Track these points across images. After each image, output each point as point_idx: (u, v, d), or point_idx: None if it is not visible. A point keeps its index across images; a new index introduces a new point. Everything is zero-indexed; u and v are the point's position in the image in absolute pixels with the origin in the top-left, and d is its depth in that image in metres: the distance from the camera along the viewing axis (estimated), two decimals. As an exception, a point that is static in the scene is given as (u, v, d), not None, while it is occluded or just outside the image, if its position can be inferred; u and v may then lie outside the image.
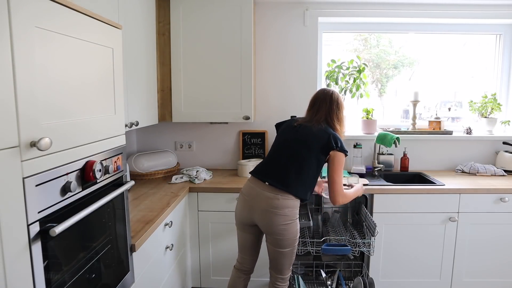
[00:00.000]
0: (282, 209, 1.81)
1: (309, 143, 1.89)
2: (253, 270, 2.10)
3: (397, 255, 2.47)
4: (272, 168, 1.91)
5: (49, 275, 1.01)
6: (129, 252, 1.53)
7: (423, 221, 2.41)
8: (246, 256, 2.05)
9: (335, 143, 1.87)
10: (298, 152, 1.89)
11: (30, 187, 0.92)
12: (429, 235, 2.43)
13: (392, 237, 2.44)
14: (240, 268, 2.08)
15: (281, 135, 2.04)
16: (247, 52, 2.59)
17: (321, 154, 1.88)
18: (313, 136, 1.90)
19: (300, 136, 1.93)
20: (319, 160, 1.89)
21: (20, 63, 0.88)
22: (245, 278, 2.09)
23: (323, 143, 1.87)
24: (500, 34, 3.00)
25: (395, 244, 2.45)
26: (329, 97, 2.01)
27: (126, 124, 1.99)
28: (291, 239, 1.86)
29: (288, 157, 1.90)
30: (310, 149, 1.88)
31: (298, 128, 1.97)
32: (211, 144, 3.04)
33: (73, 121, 1.11)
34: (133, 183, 1.52)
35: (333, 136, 1.89)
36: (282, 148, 1.95)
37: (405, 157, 2.91)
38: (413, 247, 2.46)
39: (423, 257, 2.47)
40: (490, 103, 2.92)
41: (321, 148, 1.87)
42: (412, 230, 2.43)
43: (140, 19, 2.26)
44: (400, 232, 2.44)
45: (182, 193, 2.30)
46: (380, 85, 3.24)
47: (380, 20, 2.92)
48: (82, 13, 1.13)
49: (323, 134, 1.89)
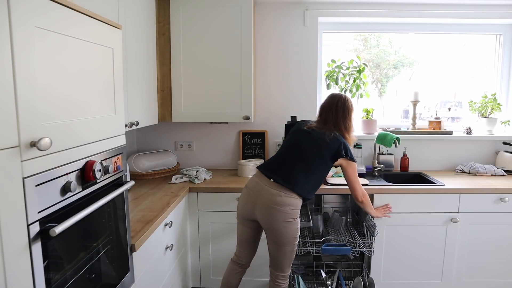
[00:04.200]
0: (284, 207, 1.85)
1: (320, 148, 1.97)
2: (249, 265, 2.13)
3: (398, 256, 2.46)
4: (279, 165, 1.97)
5: (49, 275, 1.01)
6: (129, 252, 1.53)
7: (423, 221, 2.40)
8: (243, 250, 2.10)
9: (345, 152, 1.98)
10: (309, 154, 1.96)
11: (30, 187, 0.92)
12: (429, 235, 2.42)
13: (393, 237, 2.43)
14: (236, 261, 2.12)
15: (292, 135, 2.10)
16: (247, 52, 2.59)
17: (330, 160, 1.99)
18: (326, 143, 1.97)
19: (313, 140, 2.00)
20: (327, 165, 1.99)
21: (20, 63, 0.88)
22: (240, 272, 2.12)
23: (334, 151, 1.97)
24: (500, 34, 3.00)
25: (396, 245, 2.45)
26: (335, 107, 2.06)
27: (126, 124, 1.99)
28: (290, 237, 1.90)
29: (297, 157, 1.96)
30: (321, 154, 1.96)
31: (311, 131, 2.04)
32: (211, 144, 3.04)
33: (73, 121, 1.10)
34: (133, 183, 1.52)
35: (343, 145, 1.99)
36: (293, 148, 2.01)
37: (405, 157, 2.91)
38: (414, 248, 2.45)
39: (424, 258, 2.46)
40: (490, 103, 2.92)
41: (332, 155, 1.97)
42: (412, 230, 2.42)
43: (140, 19, 2.26)
44: (401, 232, 2.43)
45: (182, 193, 2.30)
46: (380, 85, 3.24)
47: (380, 20, 2.92)
48: (82, 13, 1.13)
49: (336, 142, 1.98)
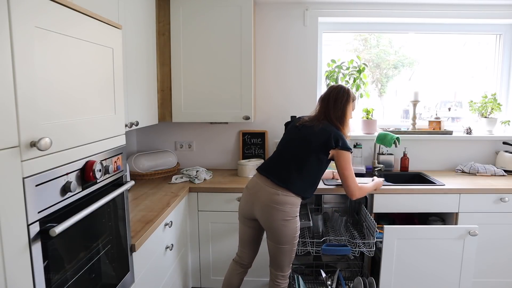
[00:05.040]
0: (283, 205, 1.85)
1: (308, 142, 1.93)
2: (250, 265, 2.13)
3: (410, 272, 2.14)
4: (274, 165, 1.97)
5: (49, 275, 1.01)
6: (129, 252, 1.53)
7: (438, 235, 2.12)
8: (244, 250, 2.09)
9: (335, 142, 1.90)
10: (299, 151, 1.94)
11: (30, 187, 0.92)
12: (444, 250, 2.13)
13: (404, 252, 2.12)
14: (238, 261, 2.12)
15: (286, 134, 2.10)
16: (247, 52, 2.59)
17: (321, 153, 1.91)
18: (314, 135, 1.93)
19: (301, 135, 1.97)
20: (320, 159, 1.92)
21: (20, 63, 0.88)
22: (241, 272, 2.12)
23: (322, 142, 1.90)
24: (500, 34, 2.99)
25: (406, 259, 2.13)
26: (327, 95, 2.03)
27: (126, 124, 1.99)
28: (289, 236, 1.89)
29: (289, 155, 1.96)
30: (309, 148, 1.92)
31: (300, 127, 2.01)
32: (211, 144, 3.04)
33: (73, 121, 1.10)
34: (133, 183, 1.52)
35: (334, 135, 1.91)
36: (286, 146, 2.01)
37: (405, 157, 2.91)
38: (428, 263, 2.14)
39: (438, 274, 2.15)
40: (490, 103, 2.92)
41: (321, 147, 1.91)
42: (426, 244, 2.12)
43: (140, 19, 2.26)
44: (413, 246, 2.13)
45: (182, 193, 2.29)
46: (380, 85, 3.24)
47: (380, 20, 2.92)
48: (82, 13, 1.13)
49: (324, 133, 1.92)
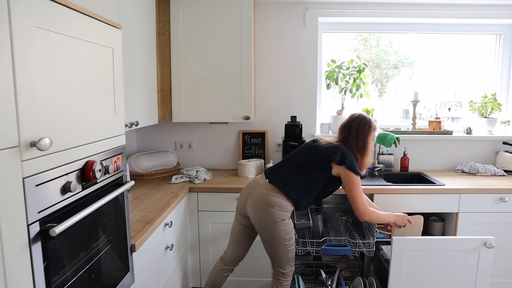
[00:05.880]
0: (271, 206, 1.87)
1: (315, 153, 1.97)
2: (235, 264, 2.12)
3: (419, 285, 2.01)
4: (277, 168, 2.02)
5: (49, 275, 1.01)
6: (129, 252, 1.53)
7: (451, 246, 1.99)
8: (231, 246, 2.12)
9: (340, 158, 1.87)
10: (303, 158, 1.99)
11: (30, 187, 0.92)
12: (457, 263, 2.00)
13: (416, 264, 1.99)
14: (223, 257, 2.14)
15: (299, 147, 2.16)
16: (247, 52, 2.59)
17: (323, 165, 1.92)
18: (323, 148, 1.97)
19: (311, 146, 2.02)
20: (322, 171, 1.93)
21: (20, 63, 0.88)
22: (224, 269, 2.11)
23: (328, 155, 1.91)
24: (500, 34, 2.99)
25: (418, 273, 2.01)
26: (349, 125, 2.01)
27: (126, 124, 1.99)
28: (278, 237, 1.89)
29: (293, 161, 2.01)
30: (314, 158, 1.96)
31: (314, 140, 2.06)
32: (211, 144, 3.04)
33: (73, 121, 1.10)
34: (133, 183, 1.52)
35: (342, 152, 1.90)
36: (293, 154, 2.08)
37: (405, 157, 2.91)
38: (435, 274, 2.01)
39: None
40: (490, 103, 2.92)
41: (324, 159, 1.92)
42: (438, 256, 1.99)
43: (140, 19, 2.26)
44: (425, 259, 2.00)
45: (182, 193, 2.29)
46: (380, 85, 3.24)
47: (380, 20, 2.92)
48: (82, 13, 1.13)
49: (333, 148, 1.94)
